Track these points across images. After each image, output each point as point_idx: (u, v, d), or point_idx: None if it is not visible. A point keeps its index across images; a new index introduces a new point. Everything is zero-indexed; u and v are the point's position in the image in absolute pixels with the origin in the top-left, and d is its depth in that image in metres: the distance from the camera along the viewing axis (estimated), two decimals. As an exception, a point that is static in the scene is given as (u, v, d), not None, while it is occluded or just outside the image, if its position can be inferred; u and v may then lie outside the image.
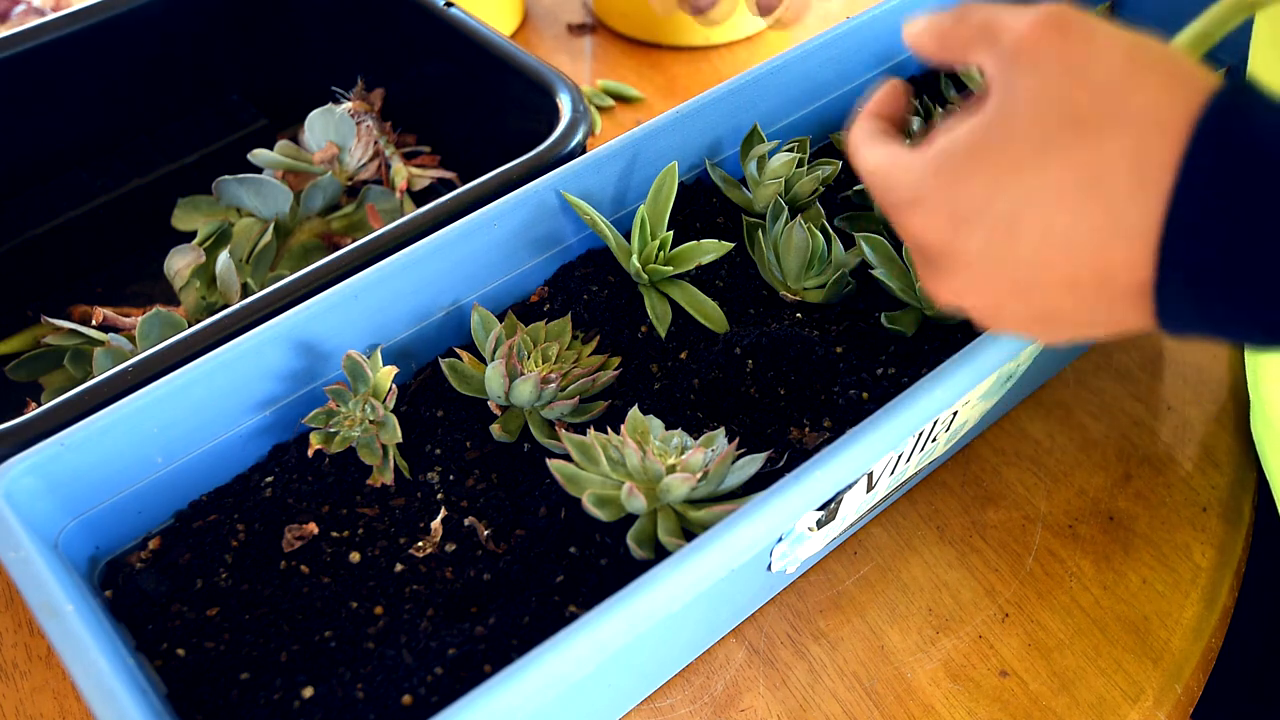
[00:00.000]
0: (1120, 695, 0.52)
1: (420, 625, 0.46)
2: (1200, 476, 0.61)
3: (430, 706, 0.43)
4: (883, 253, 0.57)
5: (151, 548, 0.50)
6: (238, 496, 0.51)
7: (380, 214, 0.70)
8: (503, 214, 0.55)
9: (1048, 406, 0.64)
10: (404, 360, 0.55)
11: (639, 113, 0.88)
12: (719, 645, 0.55)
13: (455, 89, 0.73)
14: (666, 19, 0.92)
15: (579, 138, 0.60)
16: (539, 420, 0.53)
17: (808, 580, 0.57)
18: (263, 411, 0.52)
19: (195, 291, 0.64)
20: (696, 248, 0.57)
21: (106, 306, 0.63)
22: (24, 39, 0.69)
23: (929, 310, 0.55)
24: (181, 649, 0.46)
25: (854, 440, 0.44)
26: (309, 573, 0.49)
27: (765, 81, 0.62)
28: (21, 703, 0.54)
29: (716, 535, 0.41)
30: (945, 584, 0.57)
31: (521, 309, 0.58)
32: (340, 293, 0.51)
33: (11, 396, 0.62)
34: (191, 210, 0.70)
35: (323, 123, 0.71)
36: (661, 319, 0.57)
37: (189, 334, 0.51)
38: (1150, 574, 0.57)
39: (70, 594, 0.41)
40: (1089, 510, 0.59)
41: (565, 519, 0.49)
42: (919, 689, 0.53)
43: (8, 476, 0.44)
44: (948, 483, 0.61)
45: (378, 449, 0.51)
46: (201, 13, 0.77)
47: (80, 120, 0.75)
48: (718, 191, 0.63)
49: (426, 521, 0.50)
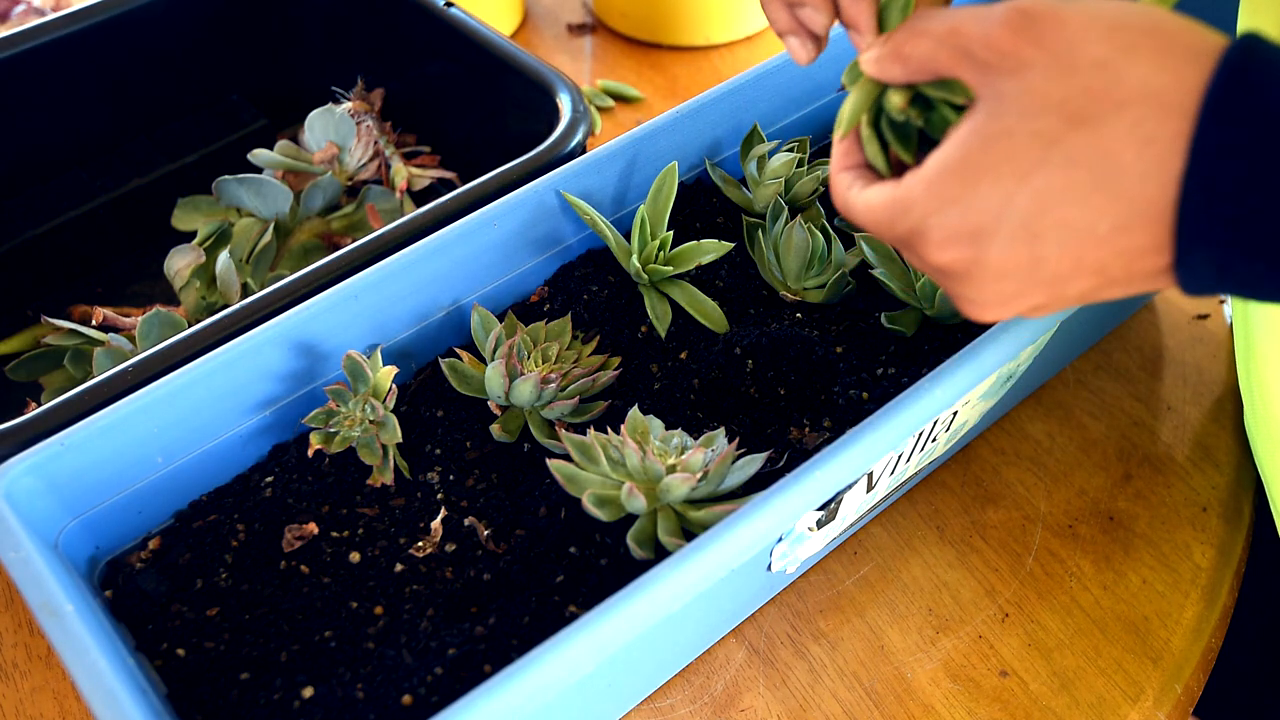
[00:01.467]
0: (1120, 695, 0.52)
1: (420, 625, 0.46)
2: (1200, 476, 0.61)
3: (430, 706, 0.43)
4: (882, 253, 0.57)
5: (151, 548, 0.50)
6: (238, 496, 0.51)
7: (380, 214, 0.70)
8: (503, 214, 0.55)
9: (1048, 406, 0.64)
10: (404, 360, 0.55)
11: (639, 113, 0.88)
12: (719, 645, 0.55)
13: (455, 89, 0.73)
14: (666, 19, 0.92)
15: (579, 138, 0.60)
16: (539, 420, 0.53)
17: (808, 580, 0.57)
18: (263, 411, 0.52)
19: (195, 291, 0.64)
20: (696, 248, 0.57)
21: (106, 306, 0.63)
22: (24, 39, 0.69)
23: (929, 310, 0.55)
24: (181, 649, 0.46)
25: (854, 440, 0.44)
26: (309, 573, 0.49)
27: (765, 81, 0.62)
28: (21, 703, 0.54)
29: (716, 535, 0.41)
30: (945, 584, 0.57)
31: (521, 309, 0.58)
32: (340, 293, 0.51)
33: (11, 396, 0.62)
34: (191, 210, 0.70)
35: (323, 123, 0.71)
36: (661, 319, 0.57)
37: (189, 334, 0.51)
38: (1150, 574, 0.57)
39: (70, 594, 0.41)
40: (1089, 510, 0.59)
41: (565, 519, 0.49)
42: (919, 689, 0.53)
43: (8, 476, 0.44)
44: (948, 483, 0.61)
45: (378, 449, 0.51)
46: (201, 13, 0.77)
47: (80, 120, 0.75)
48: (718, 191, 0.63)
49: (426, 521, 0.50)
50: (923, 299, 0.55)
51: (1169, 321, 0.69)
